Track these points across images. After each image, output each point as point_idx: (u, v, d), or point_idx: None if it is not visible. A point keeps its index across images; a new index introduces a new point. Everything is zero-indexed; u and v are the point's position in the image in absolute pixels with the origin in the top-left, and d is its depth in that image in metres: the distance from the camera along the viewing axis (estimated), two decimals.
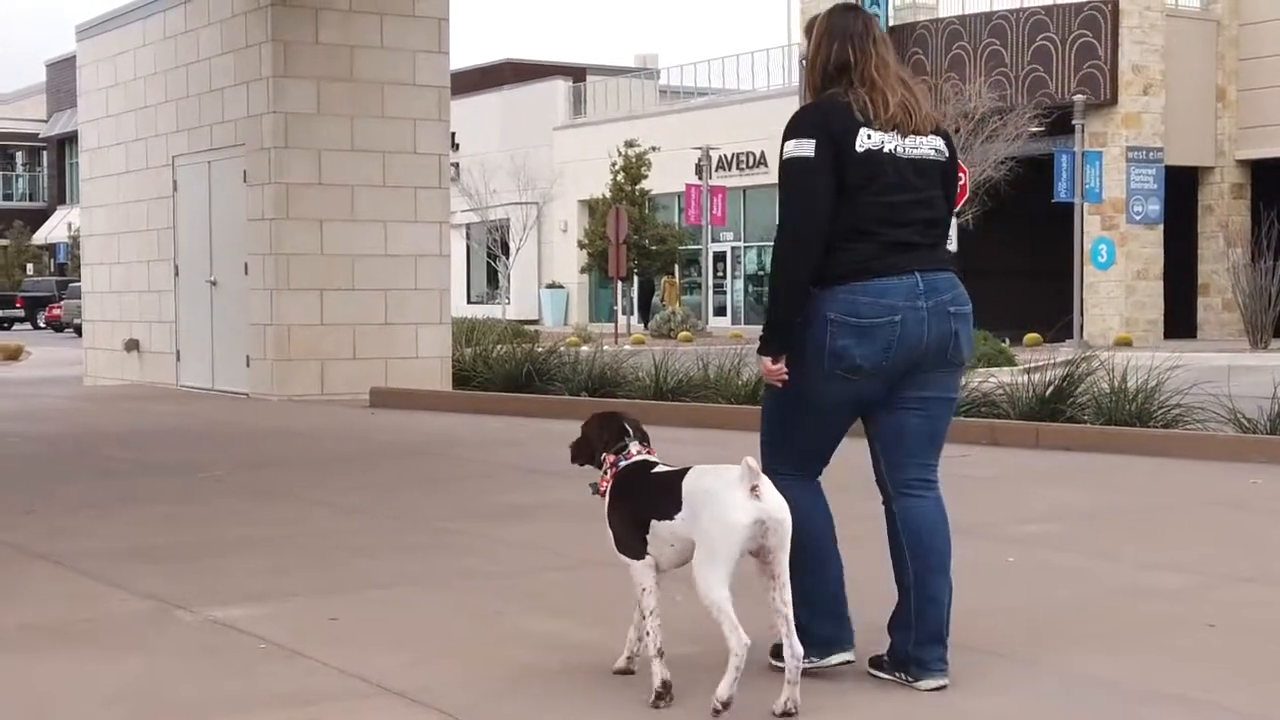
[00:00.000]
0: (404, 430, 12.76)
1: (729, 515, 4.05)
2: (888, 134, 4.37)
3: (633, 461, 4.43)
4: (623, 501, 4.38)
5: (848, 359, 4.33)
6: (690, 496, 4.17)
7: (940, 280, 4.41)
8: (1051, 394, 12.12)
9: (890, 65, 4.46)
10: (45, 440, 12.35)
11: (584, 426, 4.62)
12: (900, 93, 4.42)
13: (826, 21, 4.54)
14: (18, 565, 6.67)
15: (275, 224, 15.90)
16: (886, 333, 4.32)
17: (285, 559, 6.77)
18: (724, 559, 4.05)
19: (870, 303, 4.31)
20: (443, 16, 16.71)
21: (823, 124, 4.34)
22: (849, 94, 4.40)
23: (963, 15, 34.53)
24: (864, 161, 4.32)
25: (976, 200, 27.61)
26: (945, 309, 4.39)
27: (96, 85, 19.97)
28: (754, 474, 4.05)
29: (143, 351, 18.78)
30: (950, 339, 4.41)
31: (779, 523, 4.09)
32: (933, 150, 4.47)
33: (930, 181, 4.45)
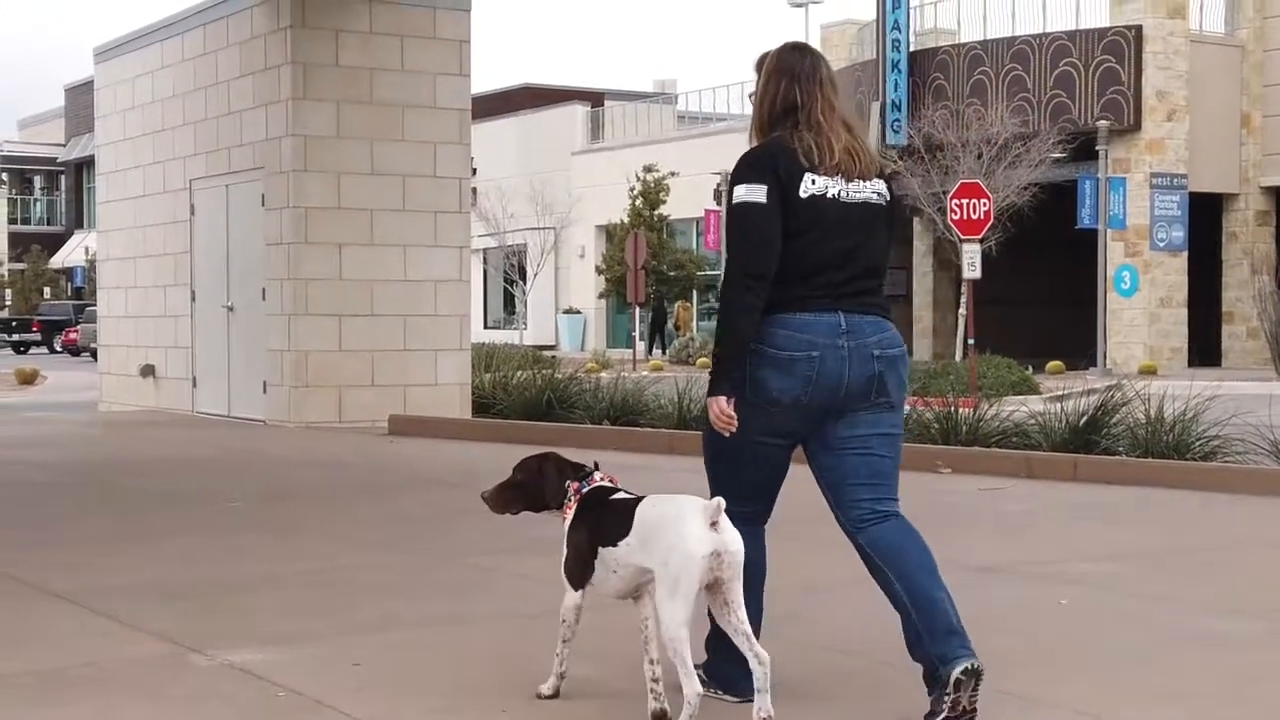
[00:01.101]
0: (424, 459, 12.51)
1: (688, 547, 4.11)
2: (832, 179, 4.40)
3: (595, 486, 4.50)
4: (582, 525, 4.44)
5: (765, 390, 4.36)
6: (641, 524, 4.24)
7: (865, 323, 4.41)
8: (1085, 424, 11.83)
9: (836, 109, 4.50)
10: (58, 468, 12.10)
11: (525, 471, 4.61)
12: (845, 137, 4.45)
13: (776, 60, 4.57)
14: (26, 602, 6.41)
15: (293, 248, 15.68)
16: (804, 367, 4.34)
17: (306, 597, 6.50)
18: (684, 592, 4.10)
19: (788, 335, 4.35)
20: (464, 39, 16.50)
21: (772, 168, 4.37)
22: (794, 137, 4.43)
23: (985, 40, 34.29)
24: (807, 207, 4.36)
25: (999, 227, 27.29)
26: (869, 351, 4.39)
27: (114, 108, 19.79)
28: (717, 510, 4.13)
29: (158, 377, 18.56)
30: (874, 380, 4.39)
31: (734, 554, 4.16)
32: (875, 194, 4.48)
33: (871, 227, 4.46)
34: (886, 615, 4.62)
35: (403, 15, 16.16)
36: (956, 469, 11.10)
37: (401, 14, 16.15)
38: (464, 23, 16.53)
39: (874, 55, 35.74)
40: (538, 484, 4.57)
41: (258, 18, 16.27)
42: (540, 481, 4.57)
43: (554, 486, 4.54)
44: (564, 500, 4.51)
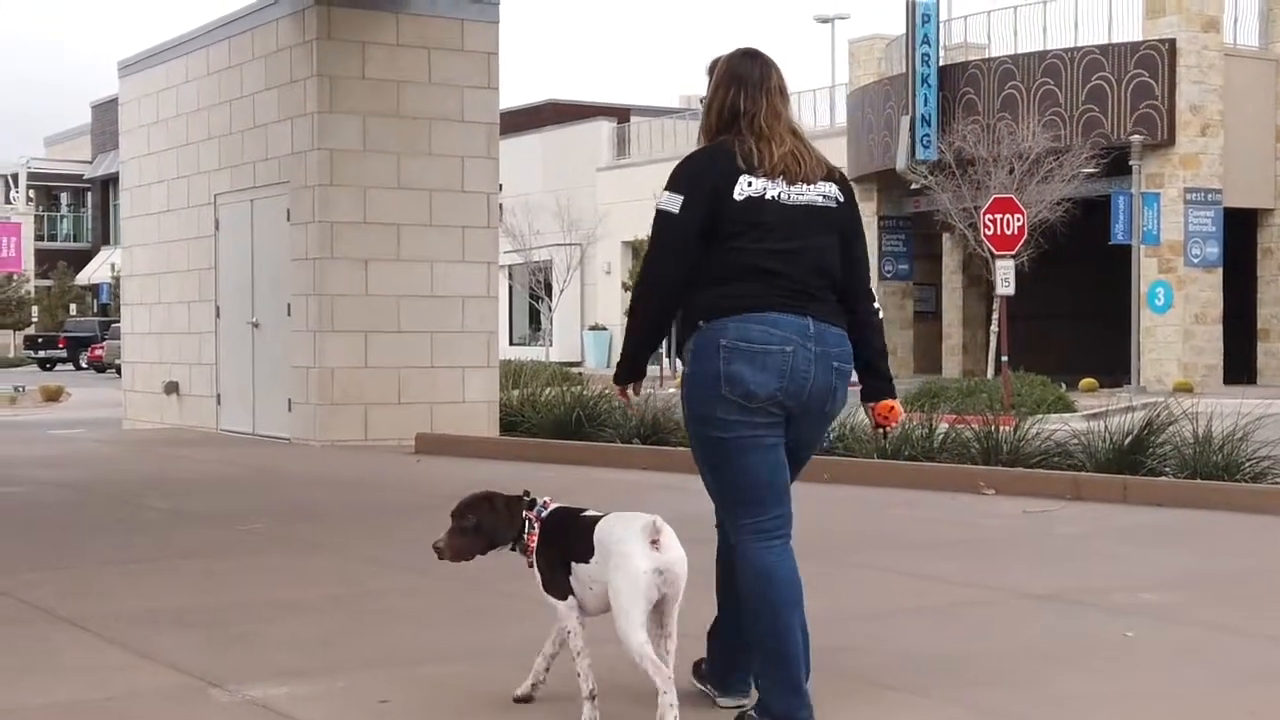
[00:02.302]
0: (452, 479, 12.19)
1: (631, 563, 4.26)
2: (772, 181, 4.42)
3: (555, 509, 4.60)
4: (550, 546, 4.53)
5: (741, 384, 4.33)
6: (599, 543, 4.37)
7: (830, 333, 4.44)
8: (1131, 444, 11.48)
9: (782, 115, 4.53)
10: (79, 488, 11.85)
11: (478, 512, 4.62)
12: (790, 142, 4.48)
13: (726, 66, 4.61)
14: (40, 630, 6.14)
15: (319, 264, 15.43)
16: (778, 360, 4.34)
17: (331, 625, 6.21)
18: (634, 607, 4.25)
19: (763, 330, 4.34)
20: (492, 51, 16.25)
21: (700, 175, 4.42)
22: (736, 141, 4.46)
23: (1015, 55, 33.94)
24: (744, 209, 4.37)
25: (1032, 242, 26.91)
26: (830, 361, 4.42)
27: (138, 122, 19.59)
28: (655, 529, 4.24)
29: (182, 395, 18.33)
30: (831, 392, 4.45)
31: (676, 575, 4.28)
32: (821, 197, 4.48)
33: (817, 228, 4.46)
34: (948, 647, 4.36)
35: (430, 27, 15.92)
36: (1000, 490, 10.77)
37: (429, 26, 15.91)
38: (492, 35, 16.28)
39: (903, 70, 35.43)
40: (494, 523, 4.60)
41: (283, 30, 16.05)
42: (496, 517, 4.60)
43: (511, 521, 4.60)
44: (525, 532, 4.58)
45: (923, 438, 12.67)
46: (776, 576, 4.38)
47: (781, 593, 4.37)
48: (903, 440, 12.67)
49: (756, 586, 4.37)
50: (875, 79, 37.93)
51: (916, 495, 10.77)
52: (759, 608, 4.37)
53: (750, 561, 4.40)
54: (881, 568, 7.51)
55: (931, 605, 6.53)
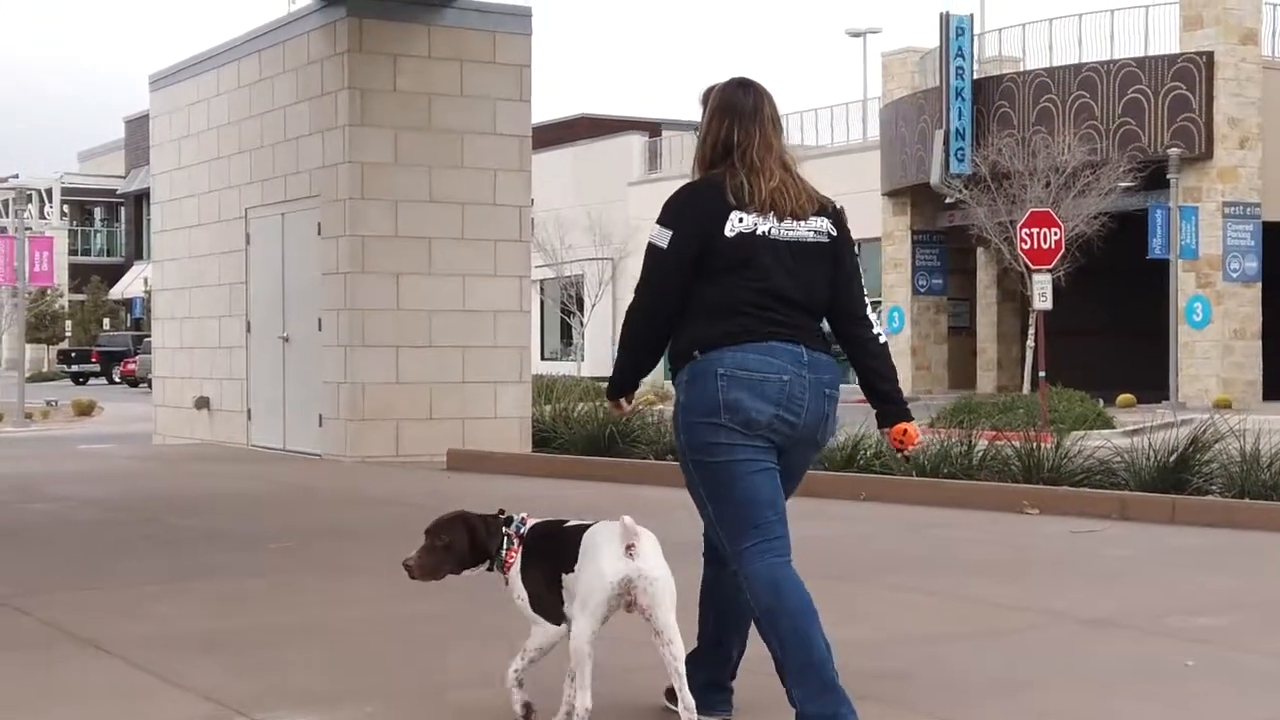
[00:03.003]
0: (485, 496, 11.98)
1: (599, 567, 4.26)
2: (762, 217, 4.41)
3: (536, 524, 4.57)
4: (536, 562, 4.49)
5: (742, 411, 4.34)
6: (582, 549, 4.37)
7: (821, 361, 4.46)
8: (1176, 462, 11.24)
9: (774, 148, 4.51)
10: (107, 505, 11.72)
11: (452, 532, 4.59)
12: (779, 176, 4.46)
13: (720, 97, 4.59)
14: (63, 652, 5.98)
15: (350, 278, 15.30)
16: (776, 388, 4.35)
17: (361, 649, 6.04)
18: (591, 609, 4.26)
19: (759, 359, 4.36)
20: (524, 63, 16.11)
21: (690, 210, 4.44)
22: (728, 174, 4.45)
23: (1051, 67, 33.68)
24: (736, 244, 4.38)
25: (1068, 257, 26.65)
26: (823, 389, 4.44)
27: (169, 136, 19.52)
28: (630, 533, 4.22)
29: (213, 410, 18.22)
30: (823, 419, 4.47)
31: (650, 581, 4.23)
32: (812, 233, 4.48)
33: (809, 265, 4.46)
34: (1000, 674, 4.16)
35: (462, 39, 15.79)
36: (1044, 509, 10.53)
37: (461, 38, 15.78)
38: (525, 47, 16.14)
39: (936, 83, 35.21)
40: (469, 542, 4.56)
41: (314, 42, 15.94)
42: (472, 539, 4.56)
43: (489, 539, 4.55)
44: (505, 549, 4.54)
45: (961, 455, 12.44)
46: (788, 586, 4.35)
47: (796, 600, 4.34)
48: (941, 458, 12.46)
49: (771, 599, 4.33)
50: (909, 92, 37.71)
51: (957, 514, 10.54)
52: (778, 619, 4.32)
53: (761, 576, 4.35)
54: (926, 590, 7.30)
55: (980, 629, 6.32)
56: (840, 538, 9.50)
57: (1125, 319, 36.94)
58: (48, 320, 65.26)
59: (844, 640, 6.01)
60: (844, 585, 7.44)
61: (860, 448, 12.99)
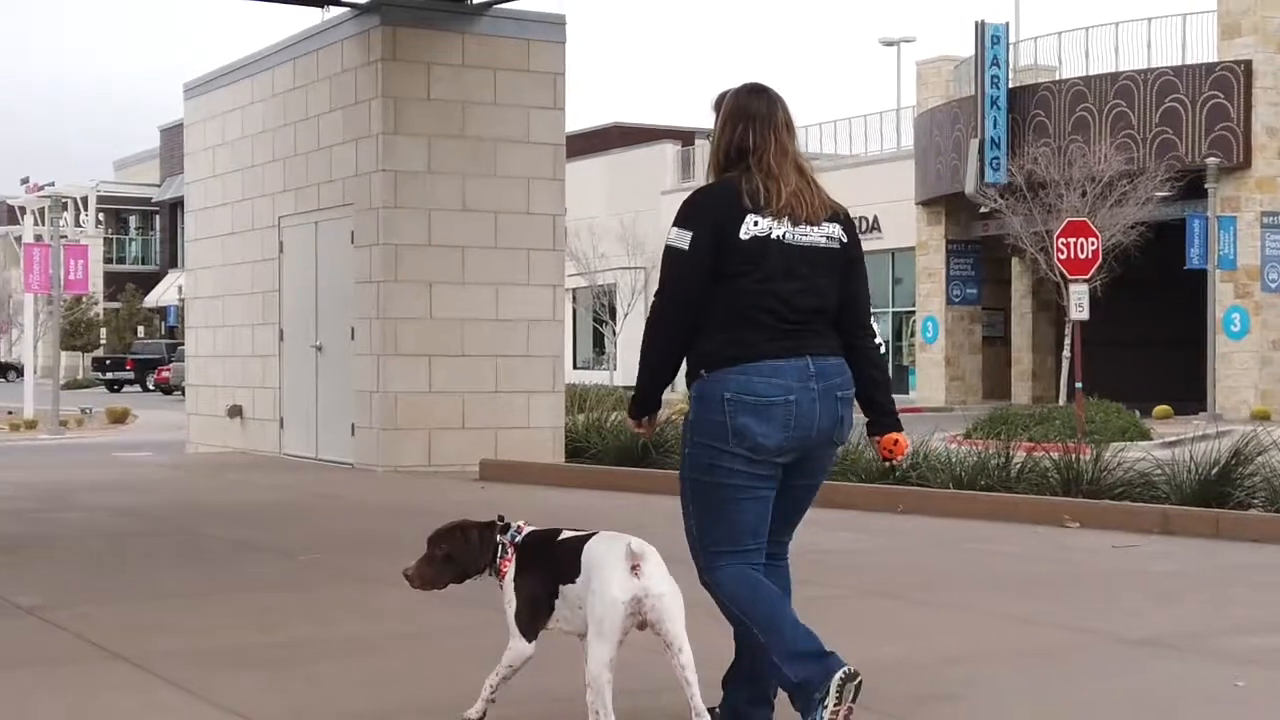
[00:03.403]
0: (519, 508, 11.84)
1: (608, 591, 4.26)
2: (777, 221, 4.42)
3: (530, 533, 4.59)
4: (530, 570, 4.51)
5: (749, 437, 4.37)
6: (585, 563, 4.37)
7: (829, 365, 4.47)
8: (1218, 475, 11.07)
9: (789, 152, 4.52)
10: (139, 515, 11.68)
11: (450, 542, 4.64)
12: (795, 180, 4.47)
13: (733, 102, 4.60)
14: (94, 668, 5.91)
15: (383, 286, 15.25)
16: (783, 411, 4.38)
17: (392, 665, 5.94)
18: (608, 634, 4.25)
19: (765, 382, 4.37)
20: (558, 71, 16.04)
21: (708, 213, 4.44)
22: (743, 179, 4.46)
23: (1087, 76, 33.46)
24: (749, 248, 4.39)
25: (1105, 267, 26.45)
26: (834, 393, 4.46)
27: (203, 144, 19.53)
28: (635, 555, 4.24)
29: (246, 418, 18.19)
30: (838, 422, 4.48)
31: (658, 598, 4.27)
32: (824, 238, 4.50)
33: (820, 270, 4.48)
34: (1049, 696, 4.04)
35: (496, 47, 15.73)
36: (1085, 523, 10.38)
37: (495, 46, 15.72)
38: (558, 55, 16.07)
39: (972, 92, 35.02)
40: (466, 552, 4.61)
41: (348, 51, 15.91)
42: (468, 548, 4.61)
43: (484, 549, 4.59)
44: (499, 556, 4.58)
45: (999, 467, 12.30)
46: (759, 589, 4.45)
47: (768, 590, 4.45)
48: (978, 470, 12.32)
49: (744, 591, 4.44)
50: (943, 101, 37.53)
51: (995, 528, 10.40)
52: (752, 609, 4.42)
53: (731, 574, 4.46)
54: (968, 606, 7.17)
55: (1026, 648, 6.19)
56: (879, 551, 9.38)
57: (1161, 330, 36.64)
58: (83, 328, 65.61)
59: (887, 659, 5.91)
60: (885, 601, 7.33)
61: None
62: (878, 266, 43.17)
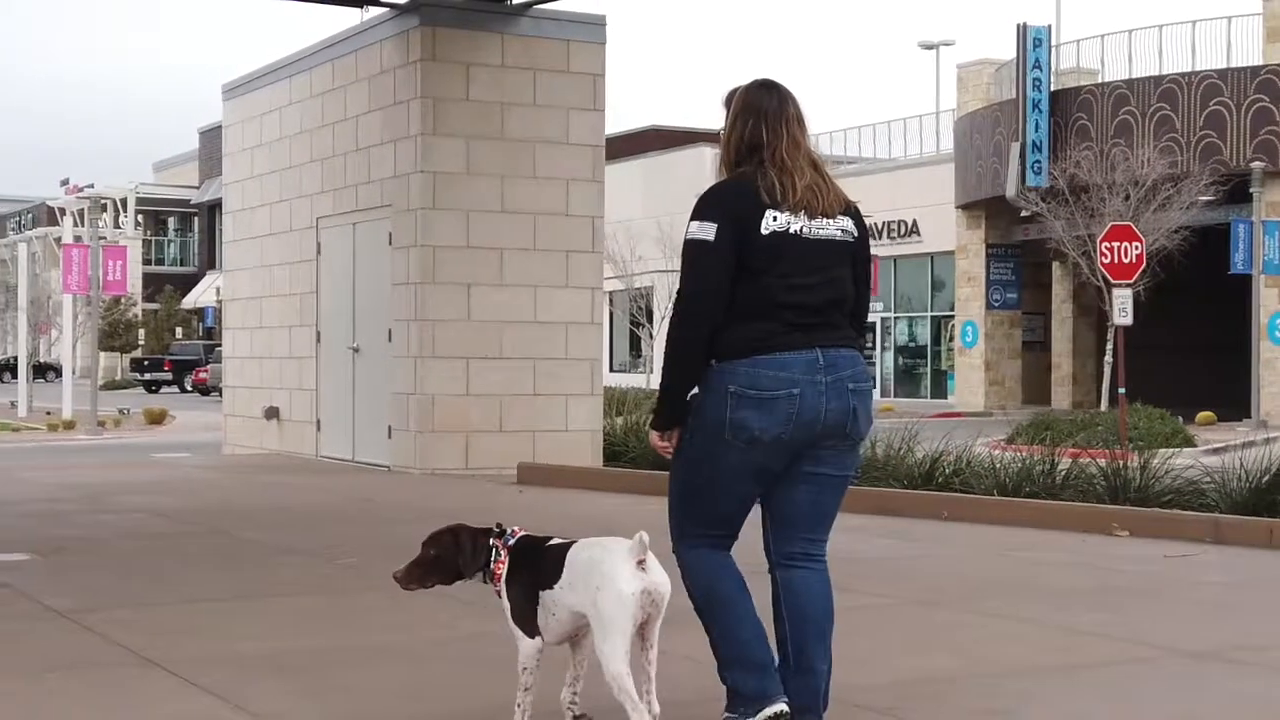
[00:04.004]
0: (554, 512, 11.82)
1: (619, 587, 4.28)
2: (794, 216, 4.42)
3: (522, 537, 4.63)
4: (520, 574, 4.57)
5: (746, 430, 4.39)
6: (571, 567, 4.42)
7: (841, 357, 4.45)
8: (1269, 482, 10.85)
9: (802, 146, 4.51)
10: (175, 516, 11.59)
11: (440, 545, 4.69)
12: (810, 174, 4.47)
13: (744, 98, 4.60)
14: (127, 673, 5.80)
15: (421, 288, 15.14)
16: (785, 405, 4.38)
17: (430, 673, 5.82)
18: (620, 630, 4.28)
19: (770, 376, 4.38)
20: (598, 72, 15.91)
21: (728, 206, 4.43)
22: (759, 174, 4.45)
23: (1130, 79, 33.15)
24: (769, 243, 4.39)
25: (1148, 271, 26.17)
26: (845, 385, 4.43)
27: (241, 145, 19.48)
28: (642, 549, 4.29)
29: (282, 420, 18.12)
30: (849, 415, 4.45)
31: (661, 593, 4.36)
32: (839, 231, 4.51)
33: (836, 262, 4.49)
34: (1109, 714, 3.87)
35: (535, 48, 15.61)
36: (1133, 532, 10.18)
37: (534, 47, 15.61)
38: (598, 56, 15.94)
39: (1013, 95, 34.75)
40: (455, 554, 4.66)
41: (387, 51, 15.82)
42: (458, 551, 4.65)
43: (473, 552, 4.64)
44: (493, 559, 4.62)
45: (1043, 473, 12.10)
46: (724, 572, 4.53)
47: (731, 584, 4.52)
48: (1023, 476, 12.13)
49: (706, 581, 4.53)
50: (984, 104, 37.27)
51: (1042, 535, 10.21)
52: (711, 601, 4.52)
53: (697, 565, 4.55)
54: (1020, 617, 6.98)
55: (1081, 662, 6.00)
56: (925, 558, 9.21)
57: (1203, 335, 36.30)
58: (121, 329, 65.90)
59: (940, 672, 5.76)
60: (934, 611, 7.15)
61: (939, 465, 12.69)
62: (917, 270, 42.96)
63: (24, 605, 7.30)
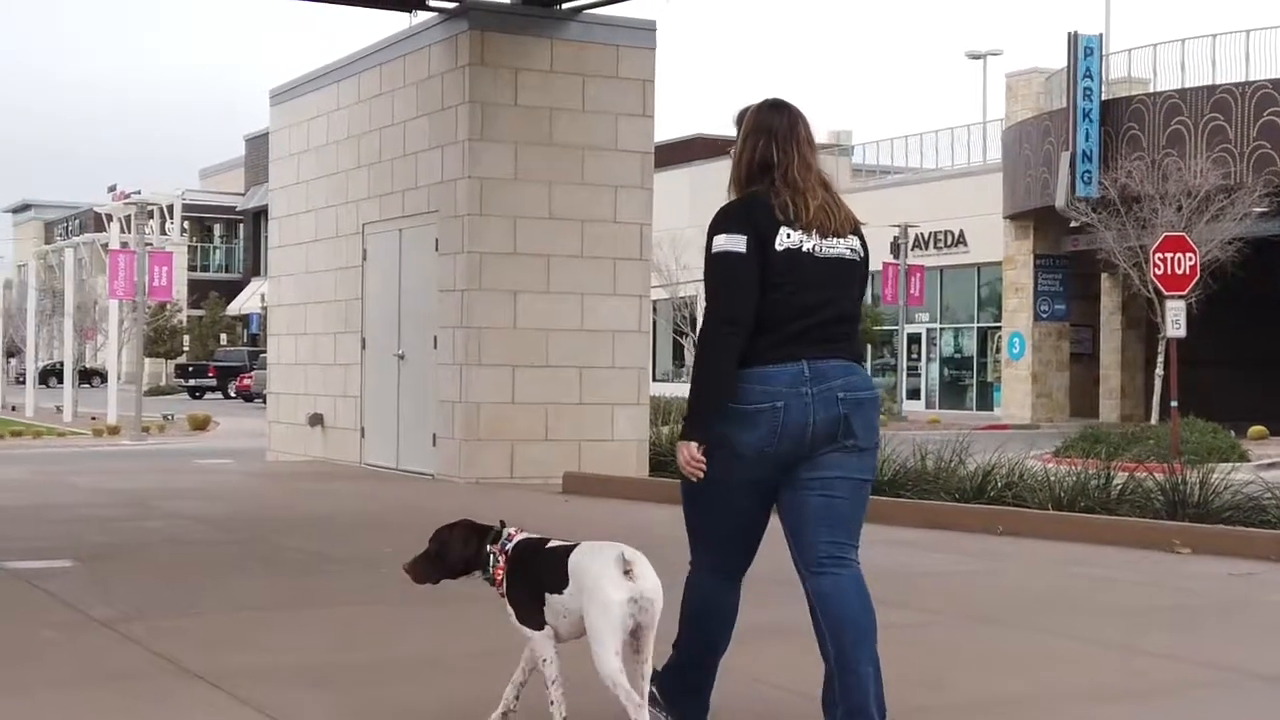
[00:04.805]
0: (601, 522, 11.65)
1: (606, 593, 4.35)
2: (807, 234, 4.49)
3: (520, 540, 4.67)
4: (521, 576, 4.62)
5: (729, 444, 4.43)
6: (574, 573, 4.47)
7: (830, 367, 4.46)
8: None
9: (813, 167, 4.57)
10: (218, 524, 11.49)
11: (439, 541, 4.78)
12: (821, 195, 4.54)
13: (754, 118, 4.66)
14: (168, 685, 5.67)
15: (467, 295, 15.02)
16: (769, 418, 4.41)
17: (474, 688, 5.63)
18: (609, 634, 4.34)
19: (753, 389, 4.42)
20: (648, 78, 15.76)
21: (750, 222, 4.47)
22: (771, 193, 4.51)
23: (1182, 89, 32.77)
24: (782, 260, 4.44)
25: (1201, 283, 25.83)
26: (833, 394, 4.44)
27: (288, 151, 19.42)
28: (628, 561, 4.34)
29: (326, 427, 18.03)
30: (838, 423, 4.45)
31: (650, 602, 4.37)
32: (848, 250, 4.58)
33: (843, 280, 4.56)
34: None
35: (585, 53, 15.47)
36: (1195, 548, 9.93)
37: (584, 52, 15.47)
38: (648, 61, 15.79)
39: (1063, 104, 34.42)
40: (451, 551, 4.74)
41: (435, 56, 15.71)
42: (452, 548, 4.73)
43: (465, 551, 4.70)
44: (490, 564, 4.67)
45: (1098, 488, 11.86)
46: (713, 615, 4.68)
47: (714, 630, 4.70)
48: (1078, 491, 11.90)
49: (699, 612, 4.69)
50: (1033, 114, 36.94)
51: (1100, 551, 9.98)
52: (694, 631, 4.71)
53: (701, 592, 4.69)
54: (1085, 638, 6.77)
55: (1155, 686, 5.79)
56: (981, 575, 8.99)
57: (1254, 347, 35.87)
58: (166, 335, 66.17)
59: (1006, 694, 5.56)
60: (994, 630, 6.95)
61: (991, 478, 12.47)
62: (963, 280, 42.63)
63: (65, 614, 7.18)
